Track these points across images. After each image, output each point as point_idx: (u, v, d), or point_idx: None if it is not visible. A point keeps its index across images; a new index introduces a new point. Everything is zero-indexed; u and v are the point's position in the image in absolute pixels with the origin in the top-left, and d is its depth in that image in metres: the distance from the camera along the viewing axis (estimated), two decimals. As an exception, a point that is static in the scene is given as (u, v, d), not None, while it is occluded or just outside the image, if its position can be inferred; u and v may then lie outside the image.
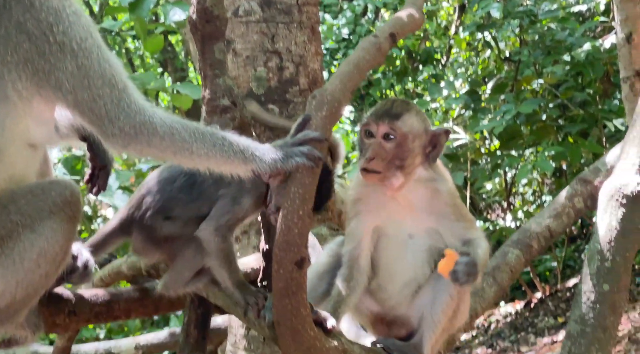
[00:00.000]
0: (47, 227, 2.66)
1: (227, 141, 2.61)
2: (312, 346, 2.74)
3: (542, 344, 10.44)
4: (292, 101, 4.04)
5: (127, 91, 2.61)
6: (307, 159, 2.55)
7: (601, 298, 3.34)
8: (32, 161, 2.80)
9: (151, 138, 2.57)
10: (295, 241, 2.59)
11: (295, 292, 2.64)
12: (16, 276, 2.66)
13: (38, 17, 2.53)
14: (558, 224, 3.91)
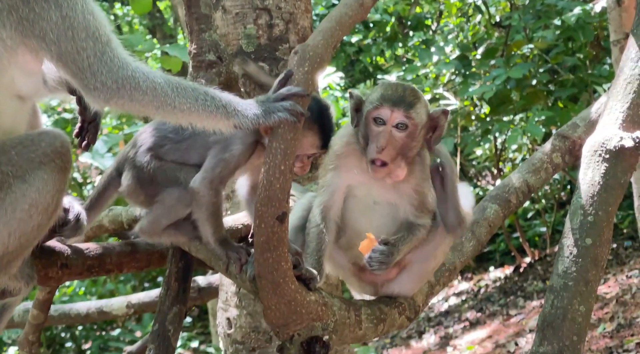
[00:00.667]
0: (38, 178, 2.67)
1: (209, 96, 2.62)
2: (293, 299, 2.78)
3: (531, 307, 10.54)
4: (282, 59, 4.02)
5: (110, 45, 2.60)
6: (289, 114, 2.56)
7: (583, 252, 3.37)
8: (20, 113, 2.80)
9: (133, 93, 2.57)
10: (277, 196, 2.61)
11: (277, 246, 2.67)
12: (8, 226, 2.68)
13: None
14: (536, 180, 3.92)
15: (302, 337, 2.85)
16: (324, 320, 2.89)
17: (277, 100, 2.59)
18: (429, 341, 11.09)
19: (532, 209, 12.83)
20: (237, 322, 4.04)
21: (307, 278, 2.89)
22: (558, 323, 3.35)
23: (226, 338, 4.09)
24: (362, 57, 13.97)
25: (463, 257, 3.62)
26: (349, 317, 3.02)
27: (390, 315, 3.22)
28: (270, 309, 2.80)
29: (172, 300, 3.09)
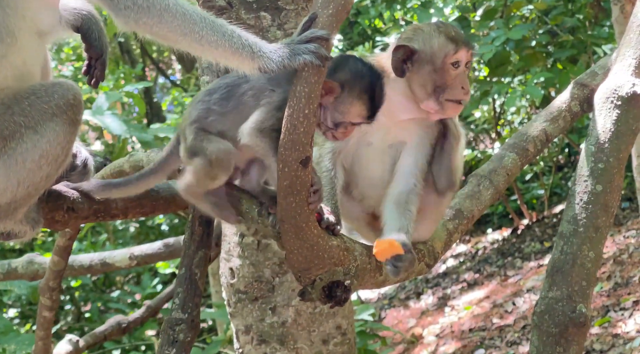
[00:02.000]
0: (49, 129, 2.69)
1: (236, 34, 2.60)
2: (315, 243, 2.78)
3: (529, 268, 10.62)
4: (285, 9, 3.95)
5: None
6: (314, 56, 2.53)
7: (594, 198, 3.38)
8: (38, 52, 2.80)
9: (163, 14, 2.56)
10: (301, 140, 2.60)
11: (300, 190, 2.66)
12: (18, 175, 2.70)
13: None
14: (554, 128, 3.90)
15: (323, 281, 2.86)
16: (345, 265, 2.90)
17: (301, 42, 2.55)
18: (427, 302, 11.19)
19: (530, 171, 12.86)
20: (240, 272, 4.06)
21: (329, 225, 2.89)
22: (567, 269, 3.37)
23: (229, 287, 4.12)
24: (360, 20, 13.87)
25: (481, 205, 3.61)
26: (369, 262, 3.03)
27: (410, 261, 3.24)
28: (293, 253, 2.80)
29: (197, 244, 3.10)
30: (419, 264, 3.28)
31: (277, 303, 4.03)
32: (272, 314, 4.02)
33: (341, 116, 2.80)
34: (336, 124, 2.80)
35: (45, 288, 4.72)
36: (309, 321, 4.02)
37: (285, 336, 4.02)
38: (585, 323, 3.28)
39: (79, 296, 11.63)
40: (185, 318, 2.99)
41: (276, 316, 4.02)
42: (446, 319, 10.21)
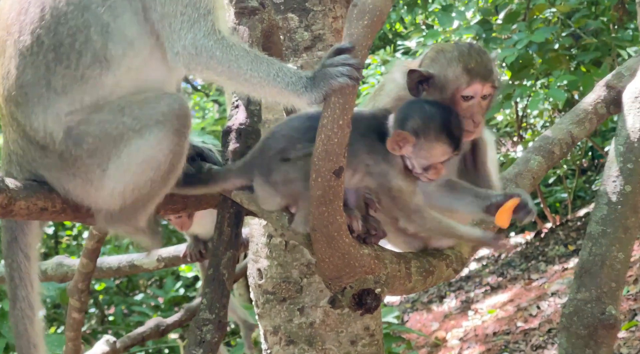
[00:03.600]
0: (153, 135, 2.79)
1: (282, 72, 2.72)
2: (347, 252, 2.80)
3: (553, 271, 10.56)
4: (312, 10, 4.00)
5: (206, 17, 2.76)
6: (348, 79, 2.59)
7: (623, 199, 3.39)
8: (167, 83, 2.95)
9: (209, 61, 2.73)
10: (335, 150, 2.62)
11: (333, 200, 2.69)
12: (124, 177, 2.81)
13: None
14: (580, 130, 3.89)
15: (354, 289, 2.87)
16: (376, 273, 2.91)
17: (333, 66, 2.62)
18: (450, 306, 11.15)
19: (554, 175, 12.79)
20: (268, 273, 4.09)
21: (360, 233, 2.93)
22: (596, 270, 3.38)
23: (257, 288, 4.14)
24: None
25: (507, 209, 3.62)
26: (399, 270, 3.04)
27: (438, 267, 3.24)
28: (324, 261, 2.83)
29: (225, 245, 3.10)
30: (447, 270, 3.29)
31: (305, 304, 4.05)
32: (300, 315, 4.04)
33: (426, 161, 2.86)
34: (425, 168, 2.86)
35: (75, 289, 4.78)
36: (337, 322, 4.04)
37: (313, 337, 4.04)
38: (615, 324, 3.28)
39: (103, 299, 11.71)
40: (212, 318, 3.00)
41: (304, 317, 4.04)
42: (470, 322, 10.17)
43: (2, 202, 2.65)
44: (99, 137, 2.77)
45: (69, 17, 2.75)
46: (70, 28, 2.75)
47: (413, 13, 13.24)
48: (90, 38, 2.75)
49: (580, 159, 12.75)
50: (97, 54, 2.75)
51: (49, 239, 12.46)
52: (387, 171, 2.88)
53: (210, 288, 3.02)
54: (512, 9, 11.02)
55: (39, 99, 2.78)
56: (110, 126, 2.77)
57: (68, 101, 2.77)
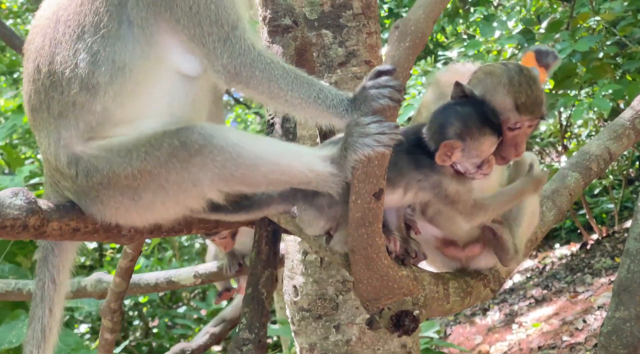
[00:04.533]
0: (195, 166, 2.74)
1: (323, 94, 2.71)
2: (385, 274, 2.79)
3: (599, 284, 10.36)
4: (346, 26, 3.99)
5: (235, 32, 2.75)
6: (390, 100, 2.60)
7: (663, 215, 3.30)
8: (190, 93, 2.91)
9: (249, 80, 2.74)
10: (375, 173, 2.63)
11: (372, 222, 2.68)
12: (150, 211, 2.82)
13: None
14: (618, 146, 3.81)
15: (392, 311, 2.86)
16: (414, 295, 2.90)
17: (375, 88, 2.62)
18: (494, 319, 11.01)
19: (599, 185, 12.57)
20: (304, 289, 4.07)
21: (399, 254, 2.93)
22: (635, 288, 3.30)
23: (292, 305, 4.12)
24: (424, 34, 13.71)
25: (544, 227, 3.55)
26: (437, 291, 3.03)
27: (476, 288, 3.22)
28: (362, 283, 2.82)
29: (263, 264, 3.10)
30: (485, 290, 3.25)
31: (341, 321, 4.01)
32: (336, 332, 4.01)
33: (479, 158, 2.86)
34: (479, 165, 2.86)
35: (107, 309, 4.74)
36: (373, 340, 3.99)
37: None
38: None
39: (147, 311, 11.81)
40: (252, 338, 2.98)
41: (340, 334, 4.01)
42: (514, 336, 10.02)
43: (35, 224, 2.68)
44: (110, 176, 2.77)
45: (63, 47, 2.80)
46: (63, 56, 2.79)
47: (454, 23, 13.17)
48: (78, 65, 2.77)
49: (627, 169, 12.51)
50: (84, 81, 2.77)
51: (94, 252, 12.62)
52: (440, 180, 2.88)
53: (250, 308, 3.01)
54: (555, 18, 10.89)
55: (42, 124, 2.85)
56: (119, 167, 2.76)
57: (64, 126, 2.80)
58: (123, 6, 2.77)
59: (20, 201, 2.65)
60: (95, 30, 2.76)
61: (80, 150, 2.79)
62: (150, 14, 2.76)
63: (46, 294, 2.99)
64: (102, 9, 2.77)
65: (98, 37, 2.76)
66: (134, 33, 2.77)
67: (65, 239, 2.87)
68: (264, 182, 2.76)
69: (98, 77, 2.75)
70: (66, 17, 2.81)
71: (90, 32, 2.77)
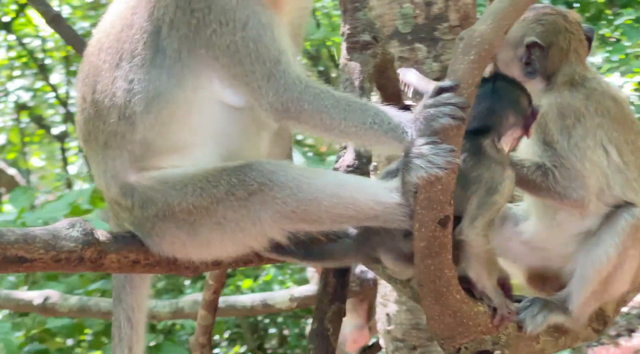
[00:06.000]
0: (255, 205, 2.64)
1: (378, 118, 2.58)
2: (458, 309, 2.62)
3: None
4: (441, 39, 3.84)
5: (278, 66, 2.64)
6: (451, 118, 2.44)
7: None
8: (237, 122, 2.79)
9: (299, 116, 2.62)
10: (438, 198, 2.47)
11: (439, 252, 2.52)
12: (212, 247, 2.72)
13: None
14: None
15: (469, 351, 2.70)
16: (494, 333, 2.71)
17: (436, 106, 2.46)
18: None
19: None
20: (397, 318, 3.93)
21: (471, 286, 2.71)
22: None
23: (386, 334, 3.99)
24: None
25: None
26: (523, 329, 2.80)
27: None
28: (434, 319, 2.66)
29: (330, 297, 2.94)
30: (586, 330, 2.97)
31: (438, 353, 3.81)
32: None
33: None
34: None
35: (196, 344, 4.63)
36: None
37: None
38: None
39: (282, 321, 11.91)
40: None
41: (437, 367, 3.81)
42: (662, 360, 9.40)
43: (92, 256, 2.62)
44: (165, 209, 2.68)
45: (103, 75, 2.75)
46: (103, 85, 2.74)
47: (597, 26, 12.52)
48: (116, 94, 2.71)
49: None
50: (121, 111, 2.70)
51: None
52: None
53: (314, 344, 2.87)
54: None
55: (92, 154, 2.82)
56: (174, 201, 2.67)
57: (110, 156, 2.74)
58: (157, 34, 2.70)
59: (76, 232, 2.60)
60: (131, 58, 2.71)
61: (134, 180, 2.73)
62: (184, 47, 2.68)
63: (123, 334, 2.92)
64: (138, 36, 2.71)
65: (133, 66, 2.70)
66: (167, 63, 2.69)
67: (125, 272, 2.81)
68: (327, 218, 2.61)
69: (134, 107, 2.69)
70: (108, 45, 2.77)
71: (127, 60, 2.71)
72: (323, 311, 2.90)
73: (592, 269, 2.82)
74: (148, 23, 2.70)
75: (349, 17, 3.12)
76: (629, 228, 2.81)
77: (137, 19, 2.73)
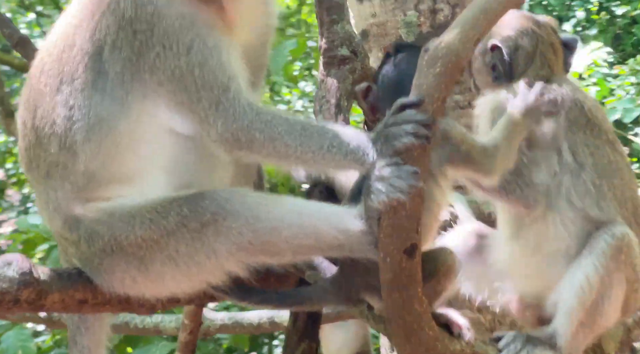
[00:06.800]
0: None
1: (337, 141, 2.40)
2: (431, 348, 2.43)
3: None
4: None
5: (227, 94, 2.48)
6: (415, 138, 2.25)
7: None
8: (190, 150, 2.63)
9: (251, 145, 2.46)
10: (403, 225, 2.28)
11: (407, 285, 2.34)
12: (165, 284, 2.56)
13: (142, 13, 2.50)
14: None
15: None
16: None
17: (396, 124, 2.29)
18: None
19: None
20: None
21: (448, 322, 2.52)
22: None
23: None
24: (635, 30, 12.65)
25: None
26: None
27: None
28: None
29: (300, 334, 2.77)
30: None
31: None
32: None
33: None
34: None
35: None
36: None
37: None
38: None
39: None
40: None
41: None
42: None
43: (29, 297, 2.46)
44: (112, 243, 2.51)
45: (44, 99, 2.59)
46: (43, 110, 2.59)
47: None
48: (56, 121, 2.55)
49: None
50: (62, 140, 2.54)
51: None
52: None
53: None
54: None
55: (34, 184, 2.67)
56: (121, 234, 2.50)
57: (52, 187, 2.59)
58: (99, 56, 2.53)
59: (12, 271, 2.45)
60: (72, 82, 2.55)
61: (79, 212, 2.56)
62: (127, 70, 2.51)
63: None
64: (79, 58, 2.54)
65: (74, 90, 2.53)
66: (109, 87, 2.52)
67: (71, 312, 2.66)
68: (288, 249, 2.44)
69: (74, 135, 2.53)
70: (49, 66, 2.62)
71: (68, 83, 2.55)
72: (291, 349, 2.74)
73: (575, 298, 2.63)
74: (89, 44, 2.54)
75: (326, 30, 2.95)
76: (610, 250, 2.62)
77: (78, 39, 2.56)
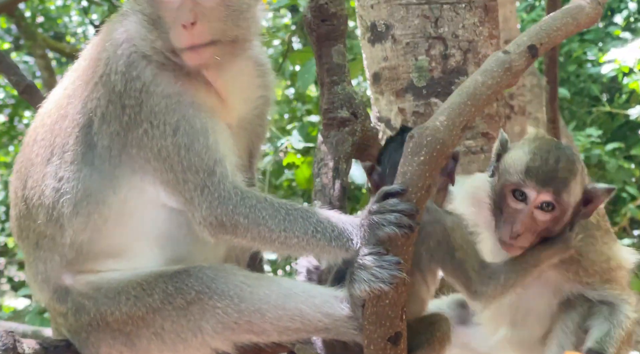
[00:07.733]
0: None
1: (321, 226, 2.39)
2: None
3: None
4: (460, 93, 3.46)
5: (212, 177, 2.45)
6: (397, 227, 2.23)
7: None
8: (181, 225, 2.60)
9: (235, 230, 2.44)
10: (387, 314, 2.27)
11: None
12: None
13: (130, 89, 2.47)
14: None
15: None
16: None
17: (381, 213, 2.26)
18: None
19: None
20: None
21: None
22: None
23: None
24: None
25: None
26: None
27: None
28: None
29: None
30: None
31: None
32: None
33: None
34: None
35: None
36: None
37: None
38: None
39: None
40: None
41: None
42: None
43: None
44: (98, 318, 2.52)
45: (34, 169, 2.58)
46: (33, 181, 2.58)
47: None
48: (44, 193, 2.54)
49: None
50: (49, 212, 2.53)
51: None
52: None
53: None
54: None
55: (25, 251, 2.66)
56: (106, 310, 2.51)
57: (41, 258, 2.59)
58: (89, 128, 2.51)
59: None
60: (62, 154, 2.53)
61: (69, 283, 2.57)
62: (115, 144, 2.49)
63: None
64: (70, 129, 2.53)
65: (64, 162, 2.52)
66: (98, 161, 2.51)
67: (57, 387, 2.63)
68: (273, 330, 2.44)
69: (62, 208, 2.52)
70: (42, 136, 2.60)
71: (58, 155, 2.54)
72: None
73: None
74: (81, 115, 2.52)
75: (326, 91, 2.89)
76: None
77: (71, 109, 2.55)
